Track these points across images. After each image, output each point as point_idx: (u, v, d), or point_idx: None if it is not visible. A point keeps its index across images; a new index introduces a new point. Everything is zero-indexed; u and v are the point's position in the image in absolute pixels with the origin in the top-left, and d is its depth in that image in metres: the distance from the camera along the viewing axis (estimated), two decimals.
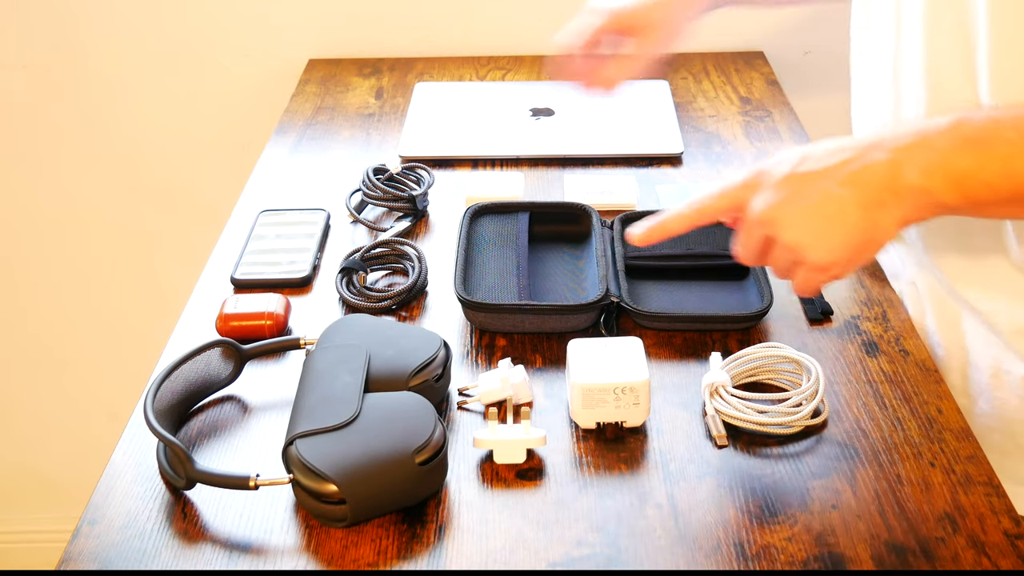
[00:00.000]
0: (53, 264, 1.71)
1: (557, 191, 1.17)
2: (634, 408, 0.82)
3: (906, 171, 0.74)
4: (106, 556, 0.73)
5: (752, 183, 0.78)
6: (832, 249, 0.76)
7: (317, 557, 0.73)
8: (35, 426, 1.87)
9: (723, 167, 1.22)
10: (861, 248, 0.76)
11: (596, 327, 0.94)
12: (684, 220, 0.82)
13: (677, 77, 1.45)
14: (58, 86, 1.57)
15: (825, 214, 0.75)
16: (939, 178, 0.73)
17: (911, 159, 0.74)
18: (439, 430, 0.76)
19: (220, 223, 1.14)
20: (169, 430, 0.79)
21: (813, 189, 0.76)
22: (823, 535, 0.74)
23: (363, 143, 1.29)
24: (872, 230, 0.75)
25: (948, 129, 0.75)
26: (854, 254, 0.76)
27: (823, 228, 0.75)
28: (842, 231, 0.75)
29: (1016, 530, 0.74)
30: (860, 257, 0.77)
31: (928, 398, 0.86)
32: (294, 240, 1.07)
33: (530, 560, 0.72)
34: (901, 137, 0.76)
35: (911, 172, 0.74)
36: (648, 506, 0.76)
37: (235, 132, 1.59)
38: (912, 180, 0.74)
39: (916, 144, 0.75)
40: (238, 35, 1.55)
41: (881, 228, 0.75)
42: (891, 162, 0.74)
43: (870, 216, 0.75)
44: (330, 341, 0.86)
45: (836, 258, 0.76)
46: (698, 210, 0.81)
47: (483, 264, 1.00)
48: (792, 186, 0.76)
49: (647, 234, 0.83)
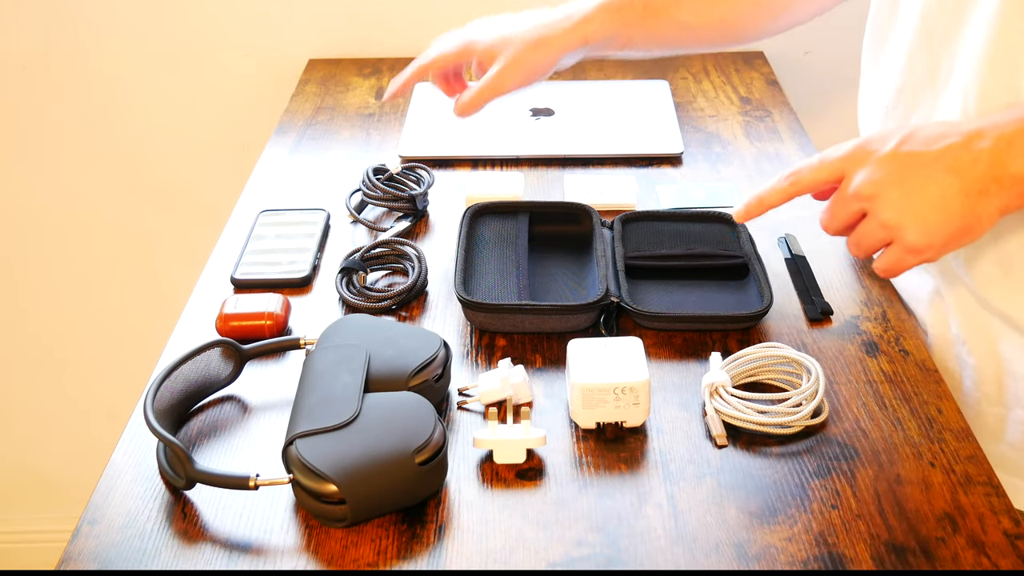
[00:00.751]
0: (53, 264, 1.71)
1: (557, 191, 1.17)
2: (634, 408, 0.82)
3: (1010, 160, 0.75)
4: (106, 556, 0.73)
5: (855, 156, 0.79)
6: (930, 232, 0.76)
7: (317, 557, 0.73)
8: (35, 426, 1.87)
9: (723, 167, 1.22)
10: (958, 234, 0.77)
11: (596, 327, 0.94)
12: (782, 193, 0.83)
13: (677, 77, 1.45)
14: (58, 86, 1.57)
15: (927, 197, 0.76)
16: None
17: (1015, 148, 0.75)
18: (439, 430, 0.76)
19: (220, 223, 1.14)
20: (169, 430, 0.79)
21: (917, 171, 0.76)
22: (823, 535, 0.74)
23: (363, 143, 1.29)
24: (971, 217, 0.76)
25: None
26: (950, 239, 0.77)
27: (924, 211, 0.76)
28: (943, 216, 0.76)
29: (1016, 530, 0.74)
30: (956, 243, 0.78)
31: (928, 398, 0.86)
32: (294, 240, 1.07)
33: (530, 560, 0.72)
34: (1004, 125, 0.76)
35: (1016, 161, 0.75)
36: (648, 506, 0.76)
37: (235, 132, 1.59)
38: (1016, 169, 0.75)
39: (1019, 132, 0.75)
40: (238, 35, 1.55)
41: (981, 217, 0.76)
42: (995, 150, 0.75)
43: (971, 204, 0.75)
44: (330, 341, 0.86)
45: (932, 242, 0.77)
46: (795, 181, 0.82)
47: (483, 264, 1.00)
48: (896, 165, 0.77)
49: (746, 210, 0.85)
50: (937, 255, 0.79)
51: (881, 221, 0.78)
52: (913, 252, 0.78)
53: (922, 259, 0.79)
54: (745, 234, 1.03)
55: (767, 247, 1.05)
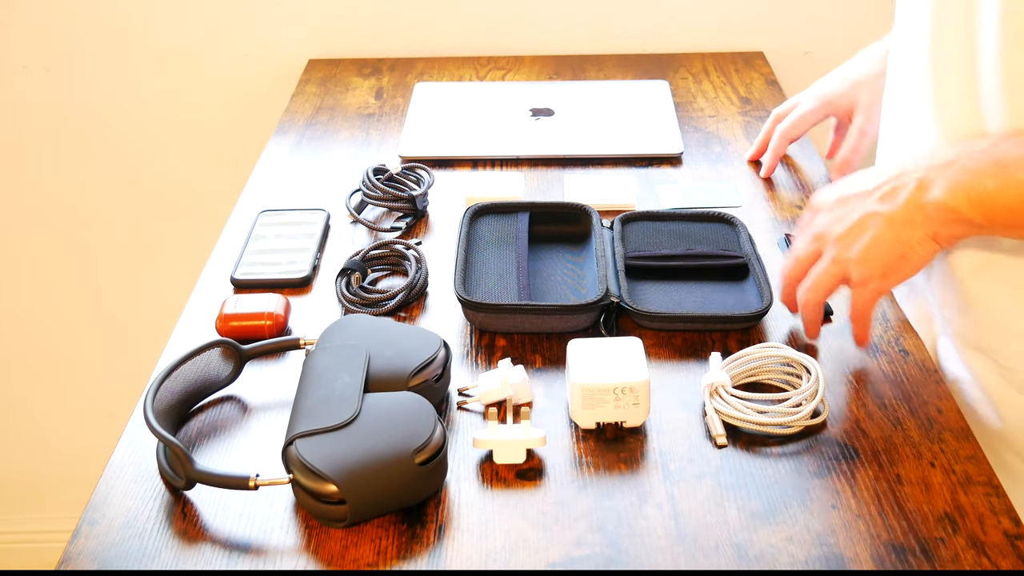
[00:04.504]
0: (53, 264, 1.71)
1: (557, 191, 1.17)
2: (634, 408, 0.82)
3: (933, 189, 0.79)
4: (106, 556, 0.73)
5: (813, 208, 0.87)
6: (867, 261, 0.81)
7: (317, 557, 0.73)
8: (35, 426, 1.87)
9: (723, 167, 1.22)
10: (894, 263, 0.81)
11: (596, 327, 0.94)
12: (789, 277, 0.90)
13: (677, 77, 1.45)
14: (58, 86, 1.57)
15: (863, 229, 0.81)
16: (963, 197, 0.77)
17: (940, 177, 0.79)
18: (439, 430, 0.76)
19: (220, 223, 1.14)
20: (169, 430, 0.79)
21: (857, 207, 0.83)
22: (823, 535, 0.74)
23: (363, 143, 1.29)
24: (901, 245, 0.80)
25: (983, 150, 0.78)
26: (887, 268, 0.81)
27: (860, 243, 0.82)
28: (875, 245, 0.81)
29: (1016, 530, 0.74)
30: (896, 273, 0.82)
31: (928, 398, 0.86)
32: (294, 240, 1.07)
33: (530, 560, 0.72)
34: (937, 156, 0.81)
35: (937, 190, 0.78)
36: (648, 506, 0.76)
37: (235, 132, 1.60)
38: (937, 197, 0.78)
39: (948, 164, 0.79)
40: (238, 35, 1.55)
41: (912, 244, 0.80)
42: (921, 180, 0.79)
43: (897, 231, 0.80)
44: (330, 341, 0.86)
45: (871, 271, 0.82)
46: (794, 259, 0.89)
47: (483, 264, 1.00)
48: (840, 206, 0.84)
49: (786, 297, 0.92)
50: (881, 285, 0.83)
51: (833, 259, 0.83)
52: (860, 284, 0.83)
53: (872, 291, 0.83)
54: (745, 234, 1.03)
55: (767, 247, 1.05)
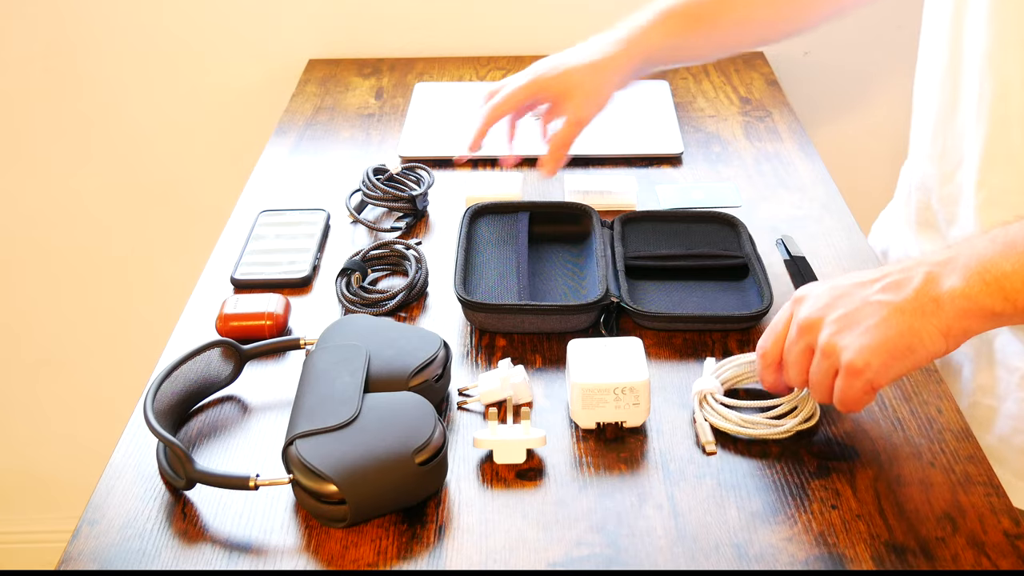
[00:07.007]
0: (53, 264, 1.71)
1: (557, 191, 1.17)
2: (634, 408, 0.82)
3: (947, 278, 0.74)
4: (106, 556, 0.73)
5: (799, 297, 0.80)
6: (866, 348, 0.73)
7: (317, 557, 0.73)
8: (35, 426, 1.87)
9: (723, 167, 1.22)
10: (899, 354, 0.74)
11: (596, 327, 0.94)
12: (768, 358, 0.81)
13: (677, 77, 1.45)
14: (57, 86, 1.57)
15: (863, 315, 0.75)
16: (979, 283, 0.73)
17: (951, 268, 0.74)
18: (439, 430, 0.76)
19: (220, 223, 1.14)
20: (169, 430, 0.79)
21: (853, 295, 0.76)
22: (823, 535, 0.74)
23: (363, 143, 1.29)
24: (911, 336, 0.73)
25: (989, 240, 0.74)
26: (890, 358, 0.74)
27: (859, 330, 0.74)
28: (878, 332, 0.74)
29: (1016, 530, 0.74)
30: (899, 363, 0.74)
31: (928, 398, 0.86)
32: (294, 240, 1.07)
33: (530, 560, 0.72)
34: (936, 255, 0.76)
35: (952, 279, 0.73)
36: (648, 506, 0.76)
37: (235, 132, 1.59)
38: (954, 285, 0.73)
39: (952, 259, 0.75)
40: (238, 35, 1.55)
41: (921, 335, 0.73)
42: (929, 272, 0.75)
43: (908, 321, 0.73)
44: (330, 341, 0.86)
45: (869, 359, 0.73)
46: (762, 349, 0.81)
47: (483, 264, 1.00)
48: (833, 294, 0.77)
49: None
50: (880, 377, 0.74)
51: (822, 348, 0.76)
52: (854, 374, 0.74)
53: (867, 382, 0.74)
54: (745, 234, 1.03)
55: (767, 247, 1.05)
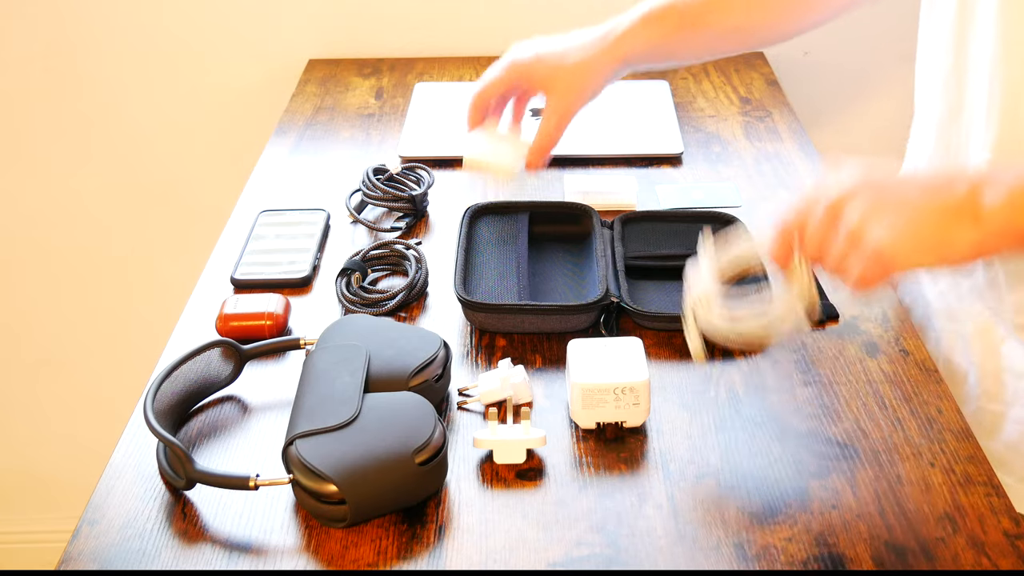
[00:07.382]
0: (53, 264, 1.71)
1: (557, 191, 1.17)
2: (634, 408, 0.82)
3: (987, 193, 0.72)
4: (106, 556, 0.73)
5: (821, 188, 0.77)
6: (898, 232, 0.72)
7: (317, 557, 0.73)
8: (35, 426, 1.87)
9: (723, 167, 1.22)
10: (927, 249, 0.73)
11: (596, 327, 0.94)
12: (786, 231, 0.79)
13: (677, 77, 1.45)
14: (57, 86, 1.57)
15: (900, 204, 0.73)
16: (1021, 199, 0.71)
17: (993, 183, 0.72)
18: (439, 430, 0.76)
19: (220, 223, 1.14)
20: (169, 430, 0.79)
21: (892, 189, 0.74)
22: (823, 535, 0.74)
23: (363, 143, 1.29)
24: (943, 236, 0.72)
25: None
26: (915, 252, 0.72)
27: (893, 215, 0.72)
28: (912, 224, 0.72)
29: (1016, 530, 0.74)
30: (925, 258, 0.73)
31: (928, 398, 0.86)
32: (294, 240, 1.07)
33: (530, 560, 0.72)
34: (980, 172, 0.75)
35: (992, 194, 0.72)
36: (648, 506, 0.76)
37: (235, 132, 1.59)
38: (992, 201, 0.71)
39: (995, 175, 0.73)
40: (238, 35, 1.55)
41: (954, 242, 0.72)
42: (972, 188, 0.73)
43: (946, 224, 0.72)
44: (330, 341, 0.86)
45: (898, 248, 0.72)
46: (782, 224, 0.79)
47: (483, 264, 1.00)
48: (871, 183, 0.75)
49: None
50: (903, 265, 0.73)
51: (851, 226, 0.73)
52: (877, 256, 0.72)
53: (884, 268, 0.73)
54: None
55: None
